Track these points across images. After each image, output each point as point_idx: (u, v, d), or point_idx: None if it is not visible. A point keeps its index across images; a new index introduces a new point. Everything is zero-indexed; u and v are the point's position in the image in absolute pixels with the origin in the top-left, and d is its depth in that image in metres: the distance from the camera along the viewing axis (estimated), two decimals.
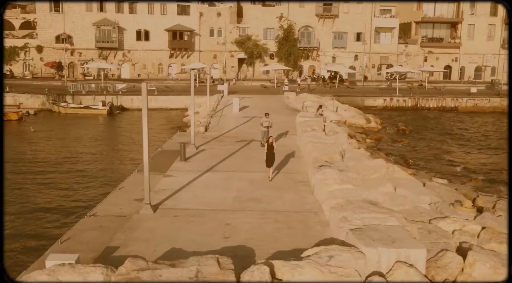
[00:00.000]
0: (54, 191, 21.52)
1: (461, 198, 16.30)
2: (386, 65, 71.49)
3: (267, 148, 17.33)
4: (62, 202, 19.83)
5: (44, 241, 15.12)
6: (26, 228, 16.74)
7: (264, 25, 67.77)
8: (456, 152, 30.47)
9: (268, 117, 22.71)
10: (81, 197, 20.59)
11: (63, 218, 17.64)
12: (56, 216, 17.98)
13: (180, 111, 45.41)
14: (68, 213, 18.11)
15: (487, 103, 51.83)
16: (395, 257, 9.62)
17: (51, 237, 15.23)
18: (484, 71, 72.73)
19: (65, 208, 18.98)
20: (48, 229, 16.84)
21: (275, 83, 58.32)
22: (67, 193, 21.16)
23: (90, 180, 23.25)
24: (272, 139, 17.67)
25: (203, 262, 8.97)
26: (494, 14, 71.41)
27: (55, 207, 19.25)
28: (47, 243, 14.41)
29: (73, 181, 23.11)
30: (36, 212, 18.34)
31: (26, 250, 14.96)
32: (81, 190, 21.63)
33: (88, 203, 19.28)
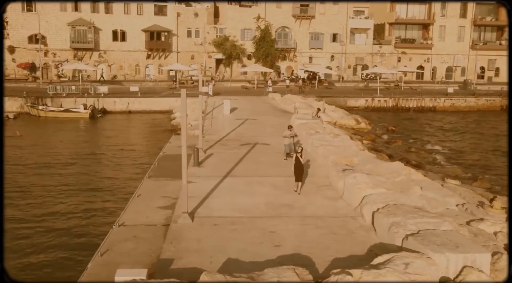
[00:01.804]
0: (57, 199, 20.84)
1: (481, 199, 16.70)
2: (361, 66, 72.64)
3: (295, 160, 16.18)
4: (70, 211, 19.19)
5: (72, 251, 14.57)
6: (50, 237, 16.08)
7: (242, 25, 67.59)
8: (450, 151, 31.22)
9: (292, 130, 21.62)
10: (86, 205, 19.96)
11: (81, 227, 17.06)
12: (71, 225, 17.37)
13: (164, 114, 44.69)
14: (84, 222, 17.52)
15: (464, 103, 53.40)
16: (462, 262, 9.76)
17: (78, 247, 14.74)
18: (454, 71, 74.84)
19: (77, 217, 18.36)
20: (67, 238, 16.23)
21: (256, 84, 58.26)
22: (67, 201, 20.49)
23: (87, 188, 22.53)
24: (301, 150, 16.45)
25: (282, 274, 8.85)
26: (464, 16, 73.58)
27: (66, 216, 18.63)
28: (78, 254, 13.95)
29: (73, 188, 22.41)
30: (49, 220, 17.69)
31: (59, 261, 14.38)
32: (81, 197, 20.98)
33: (92, 212, 18.74)
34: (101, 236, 15.91)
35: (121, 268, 11.60)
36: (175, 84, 55.66)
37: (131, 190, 21.31)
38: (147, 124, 40.76)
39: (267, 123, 32.91)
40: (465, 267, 9.67)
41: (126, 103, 45.95)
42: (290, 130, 21.24)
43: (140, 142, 33.28)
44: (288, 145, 20.93)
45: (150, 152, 29.79)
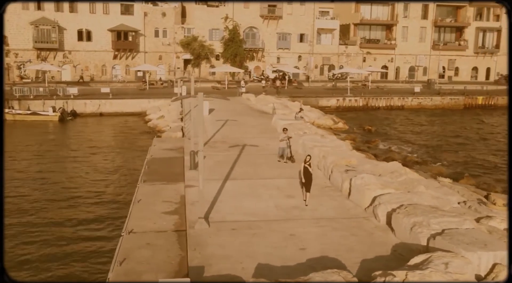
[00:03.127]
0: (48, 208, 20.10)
1: (477, 196, 17.28)
2: (328, 66, 73.71)
3: (304, 169, 15.23)
4: (67, 219, 18.55)
5: (79, 260, 14.08)
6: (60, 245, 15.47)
7: (209, 25, 67.22)
8: (426, 149, 32.13)
9: (287, 132, 21.36)
10: (83, 212, 19.37)
11: (85, 235, 16.51)
12: (74, 234, 16.79)
13: (137, 116, 43.86)
14: (85, 229, 16.96)
15: (430, 101, 55.07)
16: (492, 259, 10.07)
17: (85, 256, 14.25)
18: (417, 71, 77.06)
19: (76, 225, 17.77)
20: (71, 246, 15.68)
21: (226, 85, 58.07)
22: (62, 209, 19.82)
23: (76, 195, 21.85)
24: (310, 159, 15.53)
25: (328, 277, 8.88)
26: (425, 17, 75.87)
27: (64, 224, 17.99)
28: (92, 263, 13.50)
29: (61, 195, 21.67)
30: (48, 229, 17.03)
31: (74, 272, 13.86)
32: (76, 204, 20.33)
33: (92, 219, 18.21)
34: (105, 242, 15.53)
35: (145, 277, 11.38)
36: (145, 85, 54.78)
37: (125, 195, 20.89)
38: (122, 127, 39.87)
39: (249, 124, 32.87)
40: (496, 264, 9.98)
41: (97, 105, 44.79)
42: (285, 133, 21.23)
43: (119, 145, 32.50)
44: (283, 147, 20.90)
45: (132, 156, 29.20)
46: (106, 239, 15.50)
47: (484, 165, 28.04)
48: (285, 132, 21.19)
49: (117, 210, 18.70)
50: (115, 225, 16.77)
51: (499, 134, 39.44)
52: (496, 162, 28.67)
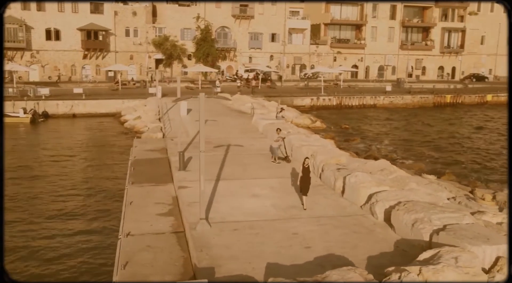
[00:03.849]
0: None
1: (463, 192, 17.81)
2: (299, 65, 74.33)
3: (303, 171, 14.79)
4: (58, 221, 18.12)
5: (80, 266, 13.78)
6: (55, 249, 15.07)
7: (181, 25, 66.74)
8: (403, 147, 32.84)
9: (280, 133, 21.38)
10: (71, 213, 18.96)
11: (79, 237, 16.15)
12: (67, 237, 16.41)
13: (112, 117, 43.12)
14: (77, 231, 16.58)
15: (401, 100, 56.28)
16: (495, 253, 10.42)
17: (84, 261, 13.95)
18: (386, 70, 78.62)
19: (68, 228, 17.38)
20: (65, 250, 15.33)
21: (200, 85, 57.75)
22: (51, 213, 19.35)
23: (64, 197, 21.40)
24: (308, 162, 15.18)
25: (345, 275, 9.01)
26: (393, 17, 77.49)
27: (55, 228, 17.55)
28: (93, 268, 13.23)
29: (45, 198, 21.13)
30: (41, 231, 16.58)
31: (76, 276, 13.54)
32: (64, 207, 19.88)
33: (80, 221, 17.85)
34: (100, 244, 15.26)
35: (151, 280, 11.27)
36: (117, 85, 53.93)
37: (111, 197, 20.55)
38: (97, 128, 39.13)
39: (229, 124, 32.83)
40: (499, 257, 10.34)
41: (69, 106, 43.83)
42: (278, 133, 21.28)
43: (97, 147, 31.91)
44: (276, 148, 20.92)
45: (112, 157, 28.74)
46: (101, 241, 15.20)
47: (461, 160, 28.90)
48: (279, 133, 21.27)
49: (106, 212, 18.38)
50: (107, 227, 16.49)
51: (470, 130, 40.73)
52: (471, 158, 29.59)
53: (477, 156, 30.31)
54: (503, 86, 68.98)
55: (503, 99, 61.38)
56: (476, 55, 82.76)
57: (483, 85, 71.35)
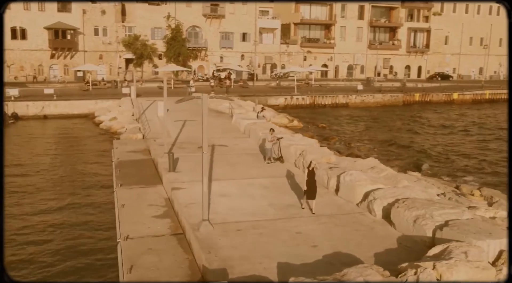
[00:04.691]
0: None
1: (451, 188, 18.35)
2: (270, 65, 74.68)
3: (308, 175, 14.37)
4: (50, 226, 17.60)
5: (79, 270, 13.45)
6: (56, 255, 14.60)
7: (152, 24, 65.95)
8: (379, 144, 33.50)
9: (273, 133, 21.28)
10: (63, 217, 18.45)
11: (74, 242, 15.72)
12: (63, 240, 15.96)
13: (85, 118, 42.19)
14: (71, 236, 16.13)
15: (372, 99, 57.30)
16: (499, 247, 10.81)
17: (83, 264, 13.62)
18: (355, 69, 79.92)
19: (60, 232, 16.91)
20: (64, 255, 14.91)
21: (172, 85, 57.17)
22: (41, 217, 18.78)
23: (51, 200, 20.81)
24: (314, 165, 14.69)
25: (364, 272, 9.17)
26: (361, 17, 78.83)
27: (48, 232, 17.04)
28: (93, 272, 12.94)
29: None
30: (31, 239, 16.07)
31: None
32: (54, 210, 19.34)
33: (73, 225, 17.40)
34: (97, 247, 14.94)
35: None
36: (88, 85, 52.83)
37: (99, 199, 20.13)
38: (71, 130, 38.21)
39: (209, 124, 32.54)
40: (503, 251, 10.73)
41: (40, 107, 42.61)
42: (271, 133, 21.32)
43: (75, 149, 31.15)
44: (269, 149, 20.93)
45: (92, 159, 28.13)
46: (96, 244, 14.88)
47: (437, 156, 29.71)
48: (272, 133, 21.33)
49: (97, 216, 17.97)
50: (101, 230, 16.15)
51: (441, 126, 41.93)
52: (447, 153, 30.47)
53: (450, 151, 31.22)
54: (467, 84, 71.33)
55: (468, 97, 63.48)
56: (440, 55, 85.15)
57: (449, 84, 73.41)
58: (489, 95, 65.09)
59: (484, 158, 29.88)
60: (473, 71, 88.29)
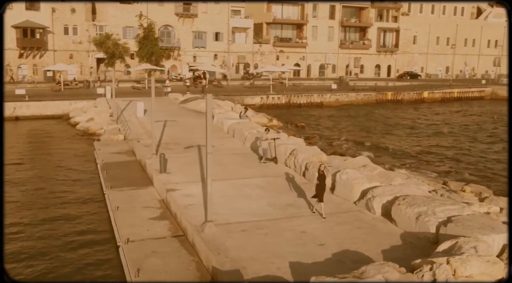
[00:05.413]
0: None
1: (440, 185, 18.81)
2: (243, 64, 74.66)
3: (318, 178, 14.16)
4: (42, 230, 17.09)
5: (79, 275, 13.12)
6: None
7: (123, 23, 65.00)
8: (362, 141, 34.02)
9: (268, 133, 21.27)
10: (53, 222, 17.96)
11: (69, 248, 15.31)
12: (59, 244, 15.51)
13: (59, 119, 41.18)
14: (67, 241, 15.69)
15: (346, 98, 58.08)
16: (502, 241, 11.17)
17: (82, 268, 13.29)
18: (326, 68, 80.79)
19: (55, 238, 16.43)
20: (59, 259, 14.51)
21: (147, 84, 56.53)
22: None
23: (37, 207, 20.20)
24: (324, 168, 14.52)
25: (382, 270, 9.31)
26: (332, 17, 79.76)
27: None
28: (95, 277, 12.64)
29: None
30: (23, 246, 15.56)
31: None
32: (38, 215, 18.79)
33: (67, 228, 16.95)
34: (94, 250, 14.60)
35: None
36: (59, 85, 51.61)
37: (90, 202, 19.67)
38: (47, 131, 37.18)
39: (190, 124, 32.52)
40: (506, 245, 11.08)
41: (12, 108, 41.33)
42: (267, 133, 21.32)
43: (54, 151, 30.32)
44: (265, 148, 20.90)
45: (73, 160, 27.45)
46: (94, 248, 14.54)
47: (416, 153, 30.38)
48: (267, 133, 21.33)
49: (90, 218, 17.52)
50: (95, 233, 15.77)
51: (413, 123, 42.90)
52: (426, 150, 31.19)
53: (428, 151, 31.96)
54: (437, 83, 73.18)
55: (438, 96, 65.14)
56: (409, 54, 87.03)
57: (418, 82, 75.07)
58: (457, 94, 66.97)
59: (462, 154, 30.73)
60: (440, 70, 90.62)
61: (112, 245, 14.27)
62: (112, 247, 14.15)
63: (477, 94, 68.88)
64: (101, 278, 12.64)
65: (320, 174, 14.19)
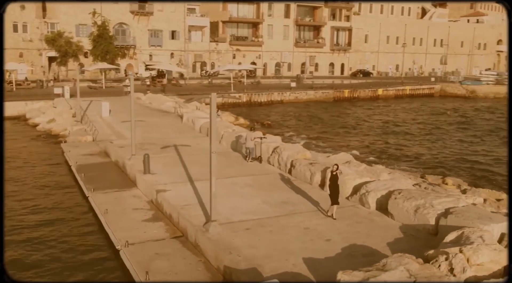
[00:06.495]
0: None
1: (420, 179, 19.54)
2: (200, 63, 74.16)
3: (331, 179, 13.84)
4: None
5: None
6: None
7: (76, 21, 62.96)
8: (330, 139, 34.69)
9: (254, 132, 21.39)
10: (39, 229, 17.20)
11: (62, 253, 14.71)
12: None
13: (15, 120, 39.41)
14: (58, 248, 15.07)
15: (305, 95, 58.95)
16: (501, 230, 11.79)
17: None
18: (282, 67, 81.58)
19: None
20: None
21: (104, 84, 55.12)
22: None
23: None
24: (337, 168, 13.99)
25: (402, 261, 9.63)
26: (287, 16, 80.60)
27: None
28: None
29: None
30: None
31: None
32: None
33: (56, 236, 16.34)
34: (89, 255, 14.16)
35: None
36: (11, 85, 49.35)
37: (72, 205, 18.95)
38: (5, 133, 35.48)
39: (159, 124, 32.08)
40: (504, 234, 11.71)
41: None
42: (253, 132, 21.32)
43: (18, 153, 28.96)
44: (252, 148, 20.91)
45: (40, 163, 26.36)
46: (90, 252, 14.07)
47: (382, 148, 31.34)
48: (253, 132, 21.32)
49: (76, 222, 16.89)
50: (87, 237, 15.24)
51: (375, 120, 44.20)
52: (392, 147, 32.24)
53: (392, 146, 33.06)
54: (390, 81, 75.57)
55: (392, 93, 67.29)
56: (361, 53, 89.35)
57: (372, 80, 77.21)
58: (409, 91, 69.44)
59: (428, 149, 31.99)
60: (390, 68, 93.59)
61: (109, 248, 13.87)
62: (109, 250, 13.75)
63: (427, 91, 71.70)
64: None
65: (333, 175, 13.83)
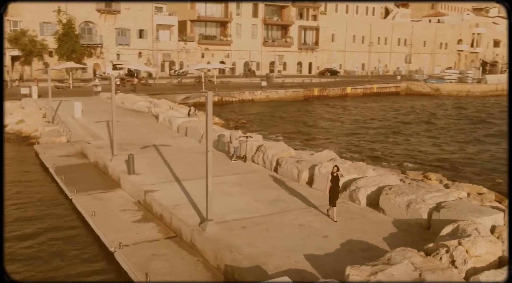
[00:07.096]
0: None
1: (403, 174, 19.97)
2: (168, 62, 73.44)
3: (332, 181, 13.61)
4: None
5: None
6: None
7: (40, 19, 61.25)
8: (302, 136, 35.00)
9: (238, 131, 21.33)
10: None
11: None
12: None
13: None
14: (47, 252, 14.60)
15: (276, 94, 59.27)
16: (492, 222, 12.19)
17: None
18: (251, 66, 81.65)
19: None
20: None
21: (71, 84, 53.86)
22: None
23: None
24: (337, 170, 13.84)
25: (406, 255, 9.82)
26: (255, 15, 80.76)
27: None
28: None
29: None
30: None
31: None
32: None
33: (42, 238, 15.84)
34: (85, 260, 13.82)
35: None
36: None
37: (54, 208, 18.41)
38: None
39: (134, 124, 31.61)
40: (494, 226, 12.11)
41: None
42: (236, 130, 21.24)
43: None
44: (237, 147, 20.83)
45: (16, 167, 25.50)
46: (82, 254, 13.72)
47: (358, 146, 31.88)
48: (237, 130, 21.26)
49: (64, 224, 16.39)
50: (76, 239, 14.83)
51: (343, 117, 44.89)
52: (369, 144, 32.83)
53: (369, 144, 33.68)
54: (357, 79, 76.81)
55: (360, 91, 68.42)
56: (328, 52, 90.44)
57: (340, 79, 78.35)
58: (377, 89, 70.80)
59: (404, 146, 32.73)
60: (356, 67, 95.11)
61: (101, 250, 13.54)
62: (102, 252, 13.43)
63: (394, 89, 73.27)
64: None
65: (334, 176, 13.65)
